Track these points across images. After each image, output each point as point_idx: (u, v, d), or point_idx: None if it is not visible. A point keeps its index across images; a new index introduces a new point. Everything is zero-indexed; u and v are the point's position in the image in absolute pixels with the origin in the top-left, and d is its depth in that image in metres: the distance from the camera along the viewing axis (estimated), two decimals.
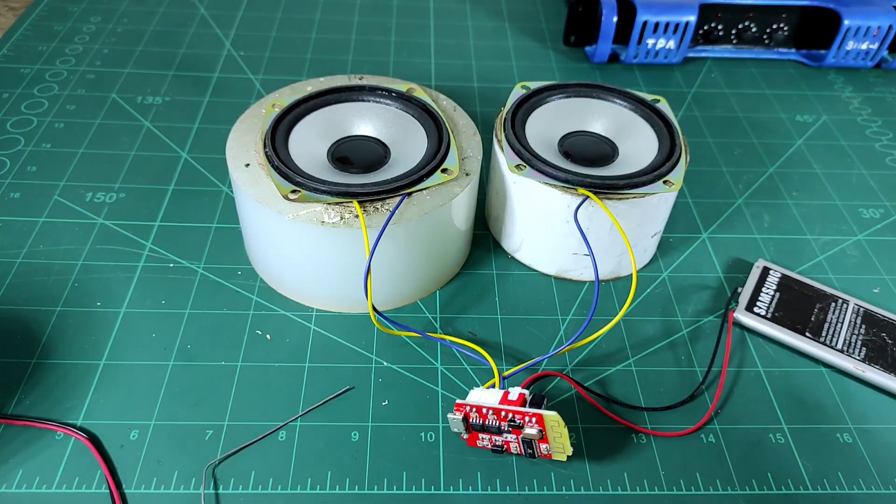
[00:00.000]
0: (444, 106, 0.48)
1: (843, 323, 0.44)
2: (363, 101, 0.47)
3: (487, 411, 0.34)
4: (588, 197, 0.41)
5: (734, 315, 0.44)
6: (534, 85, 0.49)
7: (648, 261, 0.48)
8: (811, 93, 0.67)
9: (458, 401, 0.35)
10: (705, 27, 0.69)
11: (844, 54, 0.69)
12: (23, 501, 0.34)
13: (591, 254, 0.40)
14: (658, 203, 0.43)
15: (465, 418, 0.35)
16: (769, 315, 0.44)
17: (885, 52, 0.69)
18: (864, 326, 0.43)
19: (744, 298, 0.45)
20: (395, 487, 0.35)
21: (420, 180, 0.41)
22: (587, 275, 0.46)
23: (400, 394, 0.39)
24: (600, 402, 0.39)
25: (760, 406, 0.40)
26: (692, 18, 0.64)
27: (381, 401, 0.39)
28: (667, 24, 0.65)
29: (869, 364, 0.41)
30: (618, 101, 0.49)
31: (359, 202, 0.39)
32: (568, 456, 0.35)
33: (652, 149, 0.45)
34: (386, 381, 0.40)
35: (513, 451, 0.36)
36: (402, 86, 0.48)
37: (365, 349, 0.42)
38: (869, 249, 0.51)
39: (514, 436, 0.35)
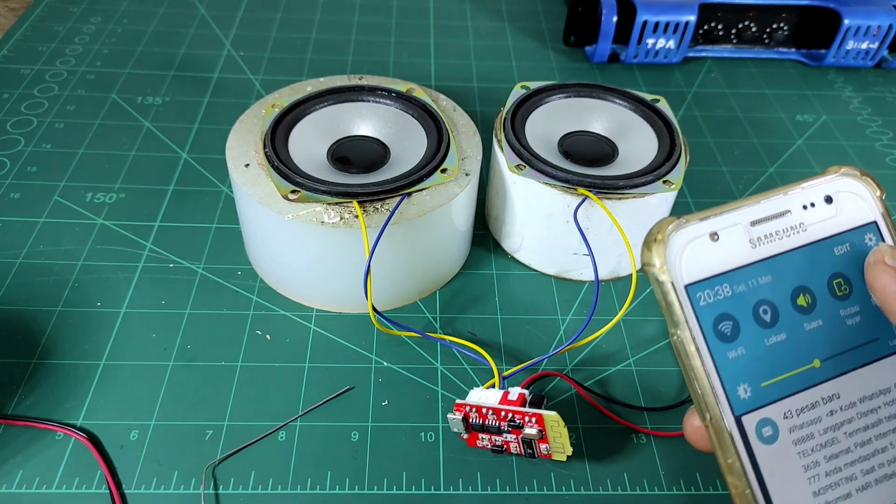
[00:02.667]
0: (444, 106, 0.48)
1: None
2: (363, 101, 0.47)
3: (487, 411, 0.34)
4: (588, 197, 0.41)
5: None
6: (534, 85, 0.49)
7: None
8: (811, 92, 0.67)
9: (458, 401, 0.36)
10: (705, 27, 0.69)
11: (844, 54, 0.69)
12: (23, 502, 0.34)
13: (591, 254, 0.40)
14: (658, 203, 0.43)
15: (465, 418, 0.35)
16: None
17: (885, 52, 0.69)
18: None
19: None
20: (395, 487, 0.35)
21: (420, 180, 0.41)
22: (587, 275, 0.46)
23: (400, 394, 0.39)
24: (600, 402, 0.39)
25: None
26: (692, 18, 0.64)
27: (381, 401, 0.39)
28: (667, 24, 0.65)
29: None
30: (618, 101, 0.49)
31: (359, 202, 0.39)
32: (568, 456, 0.35)
33: (652, 149, 0.45)
34: (386, 381, 0.40)
35: (513, 451, 0.36)
36: (401, 86, 0.48)
37: (365, 349, 0.42)
38: None
39: (514, 436, 0.35)
